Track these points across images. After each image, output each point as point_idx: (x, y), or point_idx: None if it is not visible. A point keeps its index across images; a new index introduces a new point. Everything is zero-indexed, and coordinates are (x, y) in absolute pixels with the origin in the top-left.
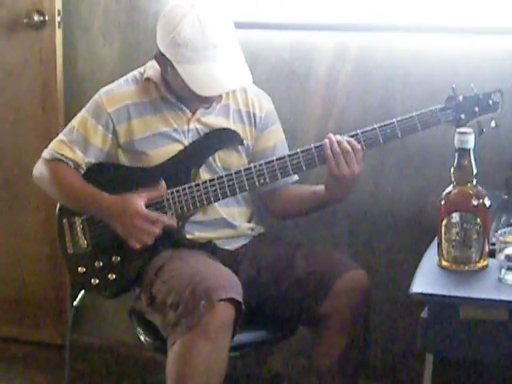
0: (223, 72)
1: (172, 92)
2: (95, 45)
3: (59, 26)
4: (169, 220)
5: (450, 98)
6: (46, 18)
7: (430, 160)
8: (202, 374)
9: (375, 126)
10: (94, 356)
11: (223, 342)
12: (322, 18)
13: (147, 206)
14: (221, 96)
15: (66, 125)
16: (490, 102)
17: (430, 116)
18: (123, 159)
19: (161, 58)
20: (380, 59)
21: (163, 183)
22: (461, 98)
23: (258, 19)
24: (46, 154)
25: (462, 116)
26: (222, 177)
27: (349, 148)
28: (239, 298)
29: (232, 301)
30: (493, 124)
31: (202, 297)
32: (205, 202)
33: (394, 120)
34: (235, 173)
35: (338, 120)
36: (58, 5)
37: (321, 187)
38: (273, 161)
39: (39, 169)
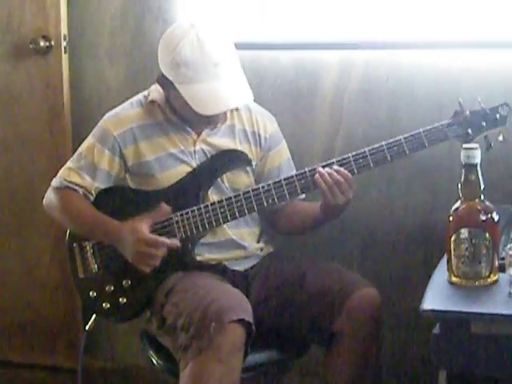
0: (224, 90)
1: (177, 114)
2: (101, 69)
3: (65, 51)
4: (171, 242)
5: (456, 113)
6: (52, 43)
7: (439, 176)
8: None
9: (383, 143)
10: (106, 379)
11: (235, 363)
12: (326, 36)
13: (155, 230)
14: (225, 116)
15: (74, 149)
16: (498, 116)
17: (437, 132)
18: (131, 183)
19: (163, 81)
20: (385, 75)
21: (163, 204)
22: (468, 112)
23: (262, 39)
24: (54, 182)
25: (469, 131)
26: (230, 198)
27: (341, 179)
28: (250, 319)
29: (243, 322)
30: (500, 138)
31: (213, 319)
32: (214, 224)
33: (401, 137)
34: (243, 194)
35: (345, 137)
36: (64, 30)
37: (317, 208)
38: (280, 181)
39: (49, 198)
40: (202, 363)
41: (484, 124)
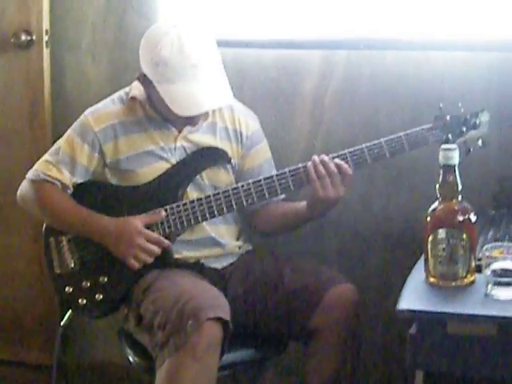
0: (202, 92)
1: (157, 111)
2: (83, 64)
3: (47, 46)
4: (168, 243)
5: (437, 117)
6: (34, 37)
7: (419, 177)
8: None
9: (363, 145)
10: (82, 377)
11: (211, 361)
12: (308, 35)
13: None
14: (207, 114)
15: (53, 144)
16: (477, 121)
17: (418, 136)
18: (111, 178)
19: (143, 79)
20: (366, 76)
21: (162, 211)
22: (448, 117)
23: (244, 38)
24: (31, 174)
25: (450, 136)
26: (209, 196)
27: (335, 170)
28: (227, 317)
29: (220, 320)
30: (480, 143)
31: (190, 316)
32: (192, 222)
33: (382, 140)
34: (222, 192)
35: (326, 137)
36: (46, 24)
37: (302, 204)
38: (260, 180)
39: (24, 190)
40: (178, 361)
41: (464, 129)
